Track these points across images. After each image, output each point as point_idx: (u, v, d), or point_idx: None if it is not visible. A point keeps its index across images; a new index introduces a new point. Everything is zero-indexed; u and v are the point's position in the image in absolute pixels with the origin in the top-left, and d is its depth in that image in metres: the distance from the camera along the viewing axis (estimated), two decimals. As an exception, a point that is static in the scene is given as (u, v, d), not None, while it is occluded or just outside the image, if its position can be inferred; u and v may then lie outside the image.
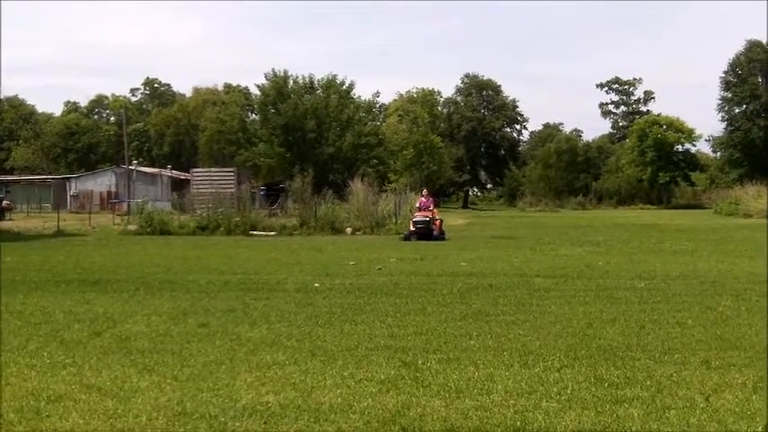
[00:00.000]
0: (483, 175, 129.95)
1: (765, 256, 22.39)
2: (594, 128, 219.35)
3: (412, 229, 32.25)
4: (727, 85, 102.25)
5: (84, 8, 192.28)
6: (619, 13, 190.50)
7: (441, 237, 32.08)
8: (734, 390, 7.40)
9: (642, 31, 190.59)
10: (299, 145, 68.50)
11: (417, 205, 34.45)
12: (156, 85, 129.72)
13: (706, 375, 7.98)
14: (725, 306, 12.74)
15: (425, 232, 31.80)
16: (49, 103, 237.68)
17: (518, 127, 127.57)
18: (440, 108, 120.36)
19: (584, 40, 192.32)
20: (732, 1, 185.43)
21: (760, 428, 6.34)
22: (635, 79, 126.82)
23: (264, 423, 6.54)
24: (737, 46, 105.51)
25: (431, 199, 34.66)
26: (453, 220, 51.85)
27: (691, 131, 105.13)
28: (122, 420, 6.65)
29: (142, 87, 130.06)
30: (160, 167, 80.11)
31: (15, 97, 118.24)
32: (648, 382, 7.68)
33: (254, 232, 37.48)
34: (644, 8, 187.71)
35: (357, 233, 37.84)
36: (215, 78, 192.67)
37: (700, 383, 7.64)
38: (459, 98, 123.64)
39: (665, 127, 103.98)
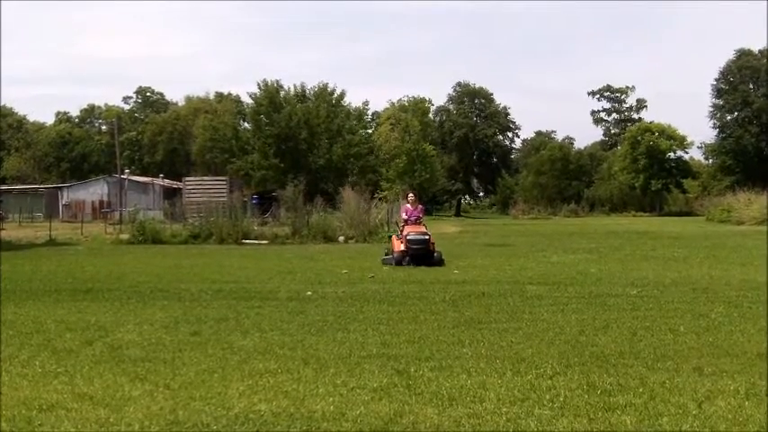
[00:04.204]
0: (475, 182, 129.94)
1: (762, 263, 22.46)
2: (587, 135, 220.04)
3: (401, 248, 23.47)
4: (718, 92, 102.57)
5: (75, 19, 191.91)
6: (611, 22, 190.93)
7: (440, 260, 23.36)
8: (726, 396, 7.41)
9: (634, 39, 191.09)
10: (292, 154, 68.54)
11: (403, 215, 25.32)
12: (148, 94, 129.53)
13: (698, 382, 7.98)
14: (717, 313, 12.77)
15: (423, 254, 23.26)
16: (39, 113, 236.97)
17: (510, 135, 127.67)
18: (431, 116, 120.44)
19: (576, 48, 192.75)
20: (724, 9, 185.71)
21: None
22: (627, 87, 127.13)
23: (257, 431, 6.54)
24: (729, 54, 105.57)
25: (419, 207, 25.88)
26: (446, 228, 51.85)
27: (683, 139, 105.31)
28: (114, 429, 6.64)
29: (135, 96, 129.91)
30: (152, 176, 79.89)
31: (3, 106, 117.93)
32: (641, 389, 7.69)
33: (247, 241, 37.45)
34: (636, 17, 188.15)
35: (350, 241, 37.83)
36: (207, 87, 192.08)
37: (692, 390, 7.65)
38: (451, 106, 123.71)
39: (657, 134, 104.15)
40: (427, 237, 23.66)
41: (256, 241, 37.57)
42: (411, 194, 26.41)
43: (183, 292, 16.44)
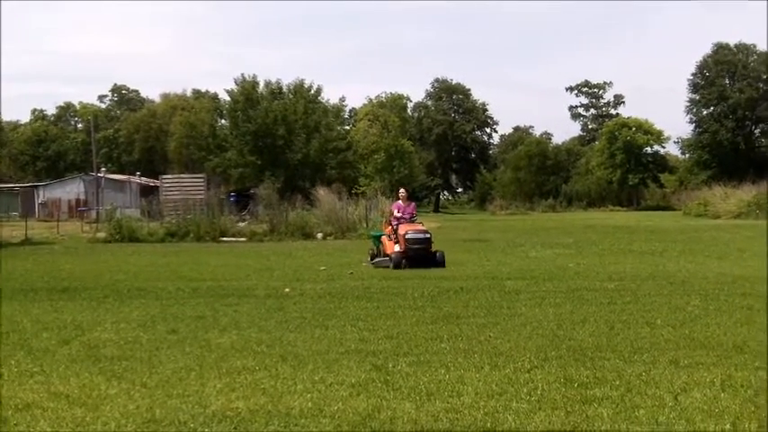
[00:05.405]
0: (454, 178, 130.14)
1: (738, 256, 22.63)
2: (564, 130, 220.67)
3: (399, 249, 21.36)
4: (695, 87, 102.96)
5: (51, 16, 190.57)
6: (589, 18, 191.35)
7: (442, 260, 21.33)
8: (702, 388, 7.46)
9: (612, 35, 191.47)
10: (270, 150, 68.41)
11: (395, 212, 23.08)
12: (123, 92, 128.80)
13: (675, 374, 8.03)
14: (693, 306, 12.85)
15: (423, 254, 21.33)
16: (15, 111, 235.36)
17: (488, 130, 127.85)
18: (409, 112, 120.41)
19: (554, 44, 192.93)
20: (701, 5, 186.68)
21: (728, 426, 6.38)
22: (605, 83, 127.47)
23: (234, 429, 6.52)
24: (706, 49, 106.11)
25: (412, 204, 23.80)
26: (425, 223, 51.81)
27: (659, 133, 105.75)
28: (91, 428, 6.61)
29: (110, 94, 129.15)
30: (129, 174, 79.51)
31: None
32: (618, 382, 7.72)
33: (224, 238, 37.36)
34: (614, 13, 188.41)
35: (328, 238, 37.80)
36: (184, 85, 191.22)
37: (668, 382, 7.69)
38: (429, 102, 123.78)
39: (634, 129, 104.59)
40: (428, 235, 21.74)
41: (234, 239, 37.48)
42: (402, 191, 24.36)
43: (160, 290, 16.38)
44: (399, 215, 22.76)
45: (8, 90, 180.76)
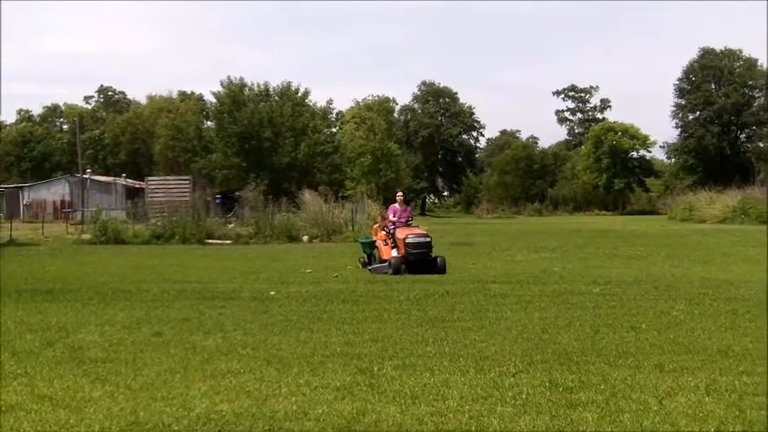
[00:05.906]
0: (440, 181, 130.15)
1: (722, 261, 22.71)
2: (551, 134, 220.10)
3: (398, 254, 20.50)
4: (680, 92, 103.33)
5: (37, 16, 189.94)
6: (576, 21, 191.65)
7: (443, 266, 20.41)
8: (687, 392, 7.47)
9: (599, 39, 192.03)
10: (256, 153, 68.25)
11: (391, 216, 21.99)
12: (109, 93, 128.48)
13: (659, 379, 8.05)
14: (679, 310, 12.89)
15: (424, 259, 20.49)
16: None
17: (475, 134, 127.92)
18: (396, 115, 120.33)
19: (541, 47, 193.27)
20: (687, 9, 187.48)
21: (712, 430, 6.40)
22: (591, 87, 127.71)
23: (218, 431, 6.50)
24: (692, 54, 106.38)
25: (408, 208, 23.03)
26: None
27: (645, 138, 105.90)
28: (74, 430, 6.59)
29: (96, 95, 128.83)
30: (115, 176, 79.23)
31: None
32: (603, 386, 7.73)
33: (210, 241, 37.29)
34: (601, 16, 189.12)
35: (314, 241, 37.77)
36: (169, 87, 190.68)
37: (653, 387, 7.70)
38: (415, 105, 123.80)
39: (620, 134, 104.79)
40: (429, 239, 20.84)
41: (219, 241, 37.42)
42: (399, 194, 23.20)
43: (144, 292, 16.33)
44: (395, 219, 21.84)
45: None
